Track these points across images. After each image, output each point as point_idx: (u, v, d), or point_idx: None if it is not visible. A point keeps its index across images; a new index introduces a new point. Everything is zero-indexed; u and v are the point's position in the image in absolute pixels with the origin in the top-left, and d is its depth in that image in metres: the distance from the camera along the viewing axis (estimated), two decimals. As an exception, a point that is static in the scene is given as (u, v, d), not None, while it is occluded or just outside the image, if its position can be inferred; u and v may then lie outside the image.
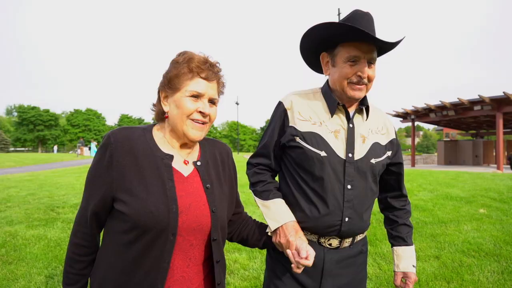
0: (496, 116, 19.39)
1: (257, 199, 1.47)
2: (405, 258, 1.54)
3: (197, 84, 1.20)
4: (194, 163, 1.26)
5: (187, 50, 1.24)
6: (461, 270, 3.46)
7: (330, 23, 1.33)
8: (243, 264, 3.61)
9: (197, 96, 1.20)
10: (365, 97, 1.47)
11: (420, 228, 4.79)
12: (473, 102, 19.56)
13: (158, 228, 1.10)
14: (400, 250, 1.56)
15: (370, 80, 1.39)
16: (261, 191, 1.46)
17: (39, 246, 4.19)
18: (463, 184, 8.06)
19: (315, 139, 1.40)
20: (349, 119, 1.44)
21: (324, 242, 1.41)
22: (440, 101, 20.97)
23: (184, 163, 1.25)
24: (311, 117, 1.44)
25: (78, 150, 38.65)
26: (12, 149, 63.19)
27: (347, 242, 1.44)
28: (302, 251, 1.24)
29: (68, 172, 13.26)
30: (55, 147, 52.40)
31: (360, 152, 1.41)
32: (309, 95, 1.50)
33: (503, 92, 17.54)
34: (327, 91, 1.46)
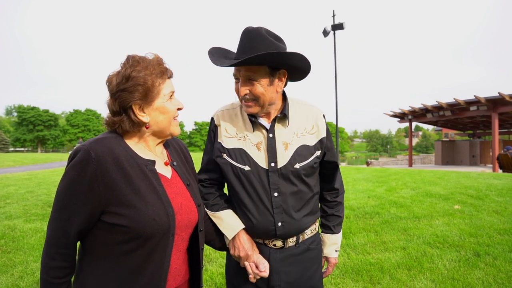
0: (492, 117, 19.61)
1: (208, 211, 1.53)
2: (330, 245, 1.72)
3: (168, 85, 1.24)
4: (171, 164, 1.33)
5: (132, 55, 1.22)
6: (423, 259, 3.75)
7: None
8: (222, 253, 3.90)
9: (171, 96, 1.25)
10: (285, 105, 1.53)
11: (394, 223, 5.07)
12: (469, 103, 19.77)
13: (160, 233, 1.15)
14: (325, 237, 1.72)
15: (256, 96, 1.42)
16: (212, 204, 1.54)
17: (36, 237, 4.50)
18: (446, 183, 8.31)
19: (240, 154, 1.49)
20: (268, 130, 1.50)
21: (269, 243, 1.52)
22: (436, 101, 21.02)
23: (165, 164, 1.31)
24: (237, 133, 1.52)
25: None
26: (12, 149, 63.44)
27: (291, 242, 1.52)
28: (260, 266, 1.42)
29: (67, 171, 13.52)
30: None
31: (283, 159, 1.47)
32: (236, 110, 1.58)
33: (498, 93, 17.72)
34: None
